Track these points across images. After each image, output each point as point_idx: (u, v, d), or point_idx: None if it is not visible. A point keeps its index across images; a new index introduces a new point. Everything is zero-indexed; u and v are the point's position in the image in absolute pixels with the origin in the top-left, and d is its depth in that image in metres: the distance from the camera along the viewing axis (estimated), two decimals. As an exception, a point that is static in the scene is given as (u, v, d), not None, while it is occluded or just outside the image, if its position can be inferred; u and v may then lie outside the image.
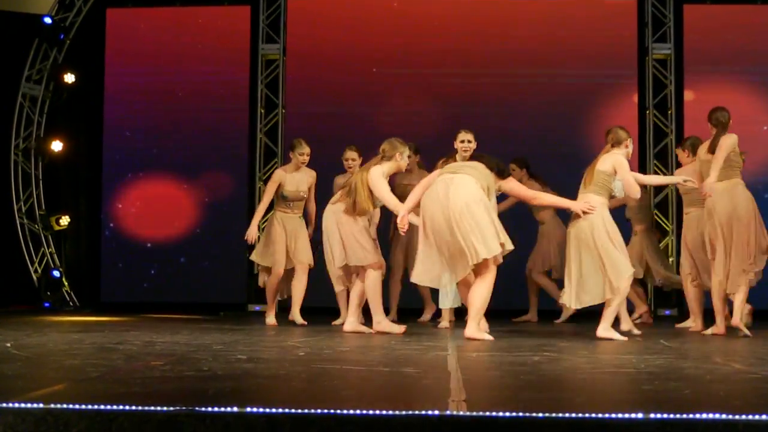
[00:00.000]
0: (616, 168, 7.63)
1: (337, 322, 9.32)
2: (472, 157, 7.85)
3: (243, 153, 12.88)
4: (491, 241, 7.12)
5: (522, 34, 12.69)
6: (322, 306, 10.07)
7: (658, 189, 12.38)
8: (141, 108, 12.91)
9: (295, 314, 9.13)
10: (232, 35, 12.97)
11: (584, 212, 7.48)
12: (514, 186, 7.73)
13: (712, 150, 8.29)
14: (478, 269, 7.22)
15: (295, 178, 9.17)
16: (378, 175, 7.94)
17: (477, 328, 7.26)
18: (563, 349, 5.98)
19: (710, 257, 8.30)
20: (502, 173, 7.59)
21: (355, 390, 3.86)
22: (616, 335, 7.38)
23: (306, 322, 8.95)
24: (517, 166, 10.42)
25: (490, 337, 7.22)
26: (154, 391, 3.67)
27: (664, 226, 12.36)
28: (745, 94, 12.36)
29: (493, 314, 7.93)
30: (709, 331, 8.25)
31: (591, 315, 10.42)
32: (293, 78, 12.93)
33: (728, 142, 8.19)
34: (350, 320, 8.07)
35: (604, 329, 7.42)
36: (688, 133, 12.07)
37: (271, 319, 9.12)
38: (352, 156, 9.53)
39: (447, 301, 8.79)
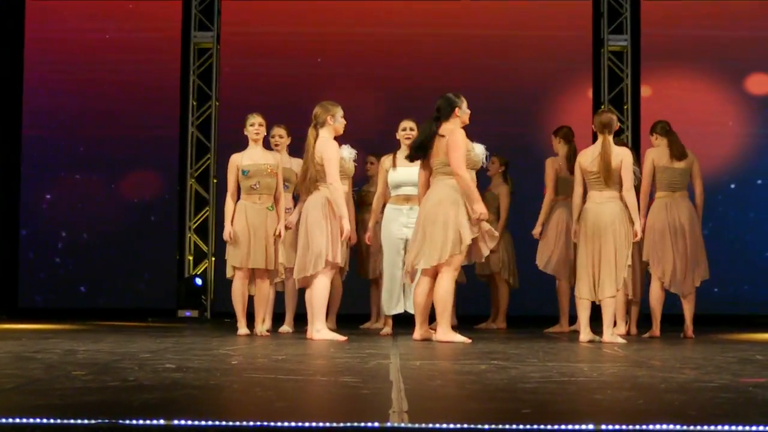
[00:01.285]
0: (624, 165, 7.93)
1: (286, 329, 9.27)
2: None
3: (173, 149, 12.81)
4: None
5: (471, 23, 12.76)
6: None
7: None
8: (64, 100, 12.77)
9: (258, 324, 8.70)
10: (162, 22, 12.90)
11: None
12: (457, 139, 7.84)
13: (679, 156, 8.93)
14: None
15: (255, 152, 8.67)
16: (332, 142, 8.15)
17: (448, 330, 7.71)
18: (512, 357, 6.02)
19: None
20: (441, 119, 7.95)
21: (291, 401, 3.86)
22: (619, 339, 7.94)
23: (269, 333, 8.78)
24: (498, 160, 10.56)
25: (466, 339, 7.63)
26: (75, 403, 3.64)
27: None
28: (706, 89, 12.53)
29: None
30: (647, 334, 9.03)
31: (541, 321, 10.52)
32: (228, 68, 12.89)
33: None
34: (323, 327, 8.09)
35: (610, 334, 7.93)
36: (644, 130, 12.23)
37: (243, 329, 8.60)
38: (279, 132, 9.31)
39: (392, 308, 8.83)
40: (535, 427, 3.13)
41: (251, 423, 3.14)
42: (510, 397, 3.96)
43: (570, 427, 3.13)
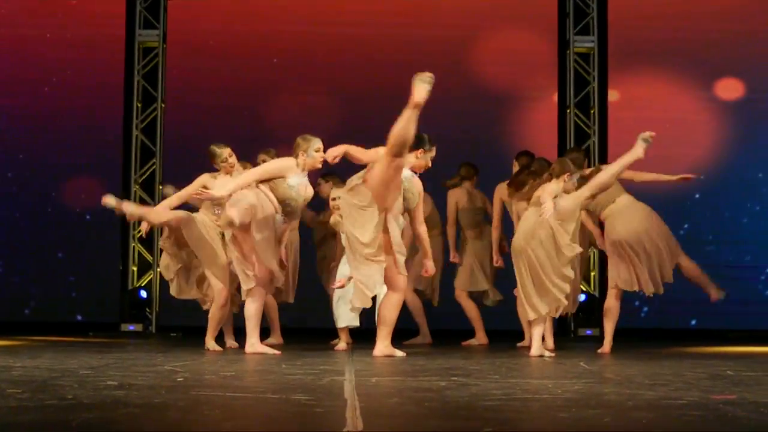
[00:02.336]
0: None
1: (231, 343, 9.28)
2: None
3: (116, 153, 12.71)
4: None
5: (431, 22, 12.77)
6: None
7: None
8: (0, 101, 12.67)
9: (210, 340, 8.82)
10: (105, 19, 12.81)
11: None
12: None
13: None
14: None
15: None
16: (279, 160, 8.24)
17: (388, 346, 7.87)
18: (473, 373, 6.03)
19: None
20: None
21: (239, 420, 3.85)
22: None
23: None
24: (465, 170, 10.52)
25: (402, 354, 7.76)
26: (9, 423, 3.61)
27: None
28: (675, 92, 12.60)
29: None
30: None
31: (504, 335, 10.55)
32: (174, 68, 12.83)
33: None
34: (256, 341, 8.11)
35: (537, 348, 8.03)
36: (612, 135, 12.35)
37: (212, 344, 8.69)
38: (263, 158, 9.31)
39: (344, 320, 8.83)
40: (497, 446, 3.14)
41: (197, 443, 3.13)
42: (471, 416, 3.97)
43: (533, 446, 3.15)
